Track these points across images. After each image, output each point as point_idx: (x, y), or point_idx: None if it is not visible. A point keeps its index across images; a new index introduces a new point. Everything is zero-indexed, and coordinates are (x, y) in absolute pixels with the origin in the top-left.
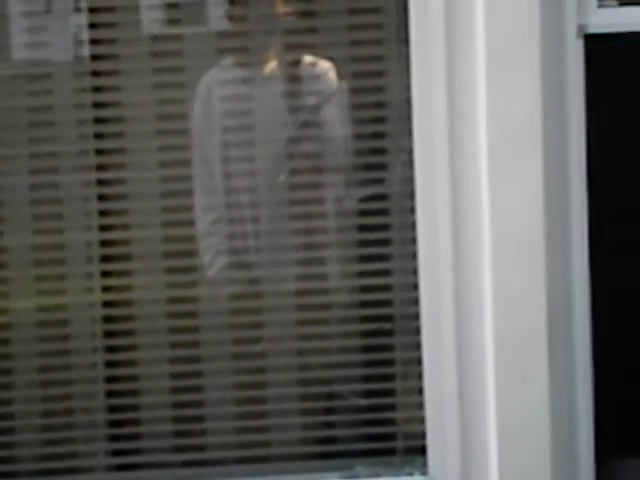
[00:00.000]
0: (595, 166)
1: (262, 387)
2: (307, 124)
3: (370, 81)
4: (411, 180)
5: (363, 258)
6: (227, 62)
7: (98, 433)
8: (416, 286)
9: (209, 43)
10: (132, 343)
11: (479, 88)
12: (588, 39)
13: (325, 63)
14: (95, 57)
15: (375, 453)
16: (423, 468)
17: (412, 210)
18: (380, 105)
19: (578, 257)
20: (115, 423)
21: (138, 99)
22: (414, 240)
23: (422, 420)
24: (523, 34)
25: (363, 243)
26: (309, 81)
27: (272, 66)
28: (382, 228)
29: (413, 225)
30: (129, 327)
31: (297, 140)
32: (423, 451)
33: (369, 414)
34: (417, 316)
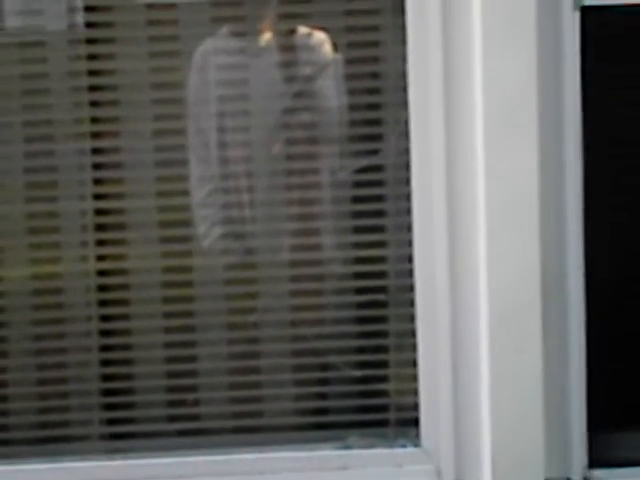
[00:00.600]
0: (590, 138)
1: (256, 357)
2: (302, 94)
3: (366, 51)
4: (406, 151)
5: (358, 229)
6: (223, 32)
7: (92, 402)
8: (411, 258)
9: (204, 12)
10: (126, 312)
11: (475, 60)
12: (585, 11)
13: (320, 34)
14: (90, 25)
15: (368, 424)
16: (416, 440)
17: (407, 181)
18: (375, 76)
19: (573, 230)
20: (109, 392)
21: (133, 67)
22: (409, 211)
23: (415, 392)
24: (519, 6)
25: (358, 214)
26: (304, 51)
27: (267, 36)
28: (377, 199)
29: (408, 196)
30: (123, 296)
31: (292, 110)
32: (416, 423)
33: (362, 385)
34: (411, 288)
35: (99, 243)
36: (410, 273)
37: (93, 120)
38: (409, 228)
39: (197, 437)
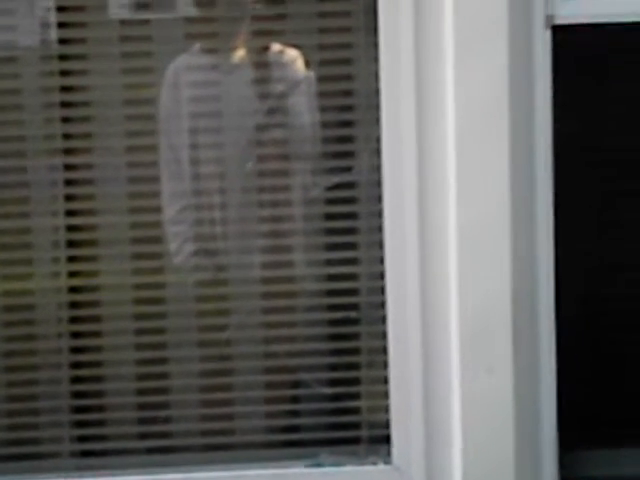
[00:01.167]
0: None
1: (227, 374)
2: (274, 111)
3: (338, 69)
4: (378, 168)
5: (330, 246)
6: (195, 49)
7: (63, 419)
8: (382, 275)
9: (177, 29)
10: (98, 329)
11: (447, 78)
12: (555, 30)
13: (293, 51)
14: (62, 41)
15: (339, 442)
16: (387, 457)
17: (379, 199)
18: (348, 93)
19: (544, 247)
20: (80, 409)
21: (106, 83)
22: (380, 229)
23: (387, 409)
24: (491, 24)
25: (330, 231)
26: (277, 68)
27: (240, 53)
28: (349, 216)
29: (380, 213)
30: (95, 313)
31: (264, 127)
32: (387, 440)
33: (334, 403)
34: (383, 305)
35: (71, 259)
36: (382, 290)
37: (65, 136)
38: (381, 245)
39: (168, 455)
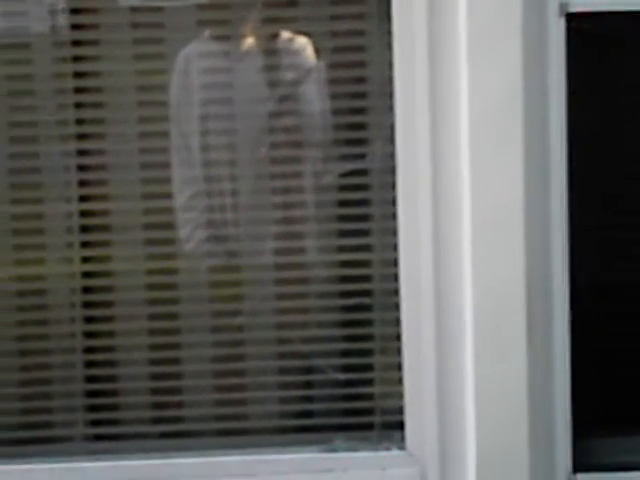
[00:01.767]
0: (576, 143)
1: (241, 360)
2: (286, 98)
3: (352, 56)
4: (392, 156)
5: (343, 233)
6: (205, 35)
7: (76, 403)
8: (396, 262)
9: (188, 15)
10: (111, 314)
11: (461, 65)
12: (570, 18)
13: (302, 38)
14: (75, 27)
15: (353, 428)
16: (401, 443)
17: (393, 186)
18: (361, 80)
19: (558, 234)
20: (93, 393)
21: (118, 69)
22: (394, 216)
23: (400, 395)
24: (505, 13)
25: (343, 218)
26: (288, 55)
27: (250, 40)
28: (362, 203)
29: (394, 201)
30: (108, 298)
31: (276, 114)
32: (401, 426)
33: (348, 389)
34: (397, 292)
35: (84, 245)
36: (395, 277)
37: (78, 122)
38: (394, 232)
39: (181, 439)
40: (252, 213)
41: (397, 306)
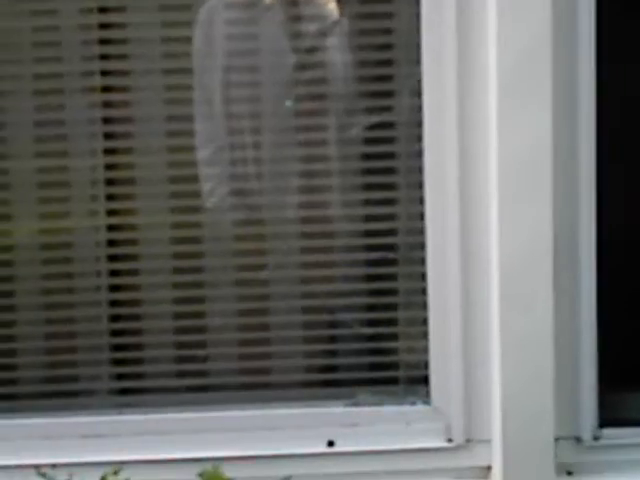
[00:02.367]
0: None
1: (265, 314)
2: (312, 50)
3: (379, 7)
4: (419, 108)
5: (369, 186)
6: None
7: (102, 357)
8: (422, 216)
9: None
10: (136, 267)
11: (490, 15)
12: None
13: None
14: None
15: (378, 382)
16: (426, 398)
17: (419, 138)
18: (388, 32)
19: (585, 187)
20: (119, 347)
21: (144, 20)
22: (420, 169)
23: (426, 350)
24: None
25: (369, 171)
26: (314, 6)
27: None
28: (389, 156)
29: (420, 154)
30: (133, 251)
31: (302, 66)
32: (426, 381)
33: (372, 343)
34: (422, 246)
35: (109, 198)
36: (421, 231)
37: (103, 74)
38: (420, 186)
39: (206, 393)
40: (278, 166)
41: (423, 260)
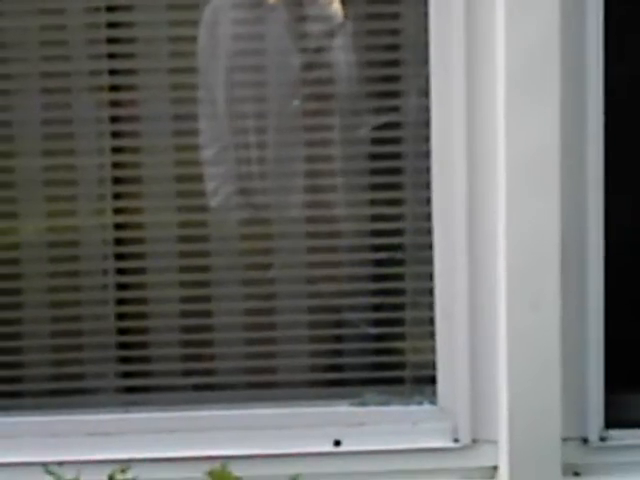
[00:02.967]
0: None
1: (272, 313)
2: (319, 50)
3: (386, 7)
4: (426, 109)
5: (376, 186)
6: None
7: (108, 355)
8: (429, 216)
9: None
10: (143, 266)
11: (497, 13)
12: None
13: None
14: None
15: (385, 382)
16: (432, 397)
17: (427, 139)
18: (396, 32)
19: (593, 184)
20: (125, 345)
21: (151, 20)
22: (428, 169)
23: (432, 350)
24: None
25: (377, 171)
26: (319, 6)
27: None
28: (396, 156)
29: (427, 154)
30: (140, 250)
31: (308, 66)
32: (433, 381)
33: (379, 343)
34: (430, 246)
35: (116, 196)
36: (428, 231)
37: (111, 72)
38: (428, 186)
39: (213, 392)
40: (285, 166)
41: (430, 260)
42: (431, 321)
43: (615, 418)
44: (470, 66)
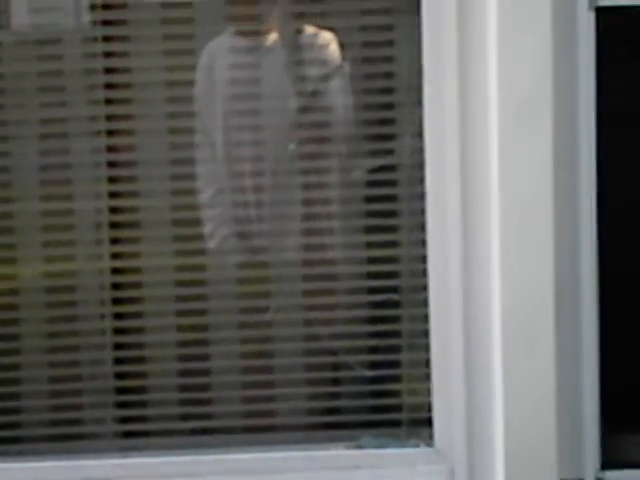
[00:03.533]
0: (605, 138)
1: (268, 357)
2: (314, 94)
3: (380, 51)
4: (421, 151)
5: (372, 229)
6: (230, 31)
7: (106, 400)
8: (424, 258)
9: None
10: (140, 310)
11: (490, 59)
12: (599, 11)
13: (329, 33)
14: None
15: (381, 424)
16: (429, 440)
17: (421, 181)
18: (390, 75)
19: (587, 228)
20: (123, 390)
21: (148, 65)
22: (423, 211)
23: (428, 392)
24: (534, 5)
25: (372, 214)
26: (315, 50)
27: (274, 35)
28: (391, 199)
29: (422, 196)
30: (137, 294)
31: (303, 110)
32: (429, 423)
33: (375, 385)
34: (425, 288)
35: (113, 241)
36: (424, 273)
37: (108, 118)
38: (423, 228)
39: (210, 436)
40: (281, 209)
41: (425, 302)
42: (427, 363)
43: (611, 459)
44: (463, 108)
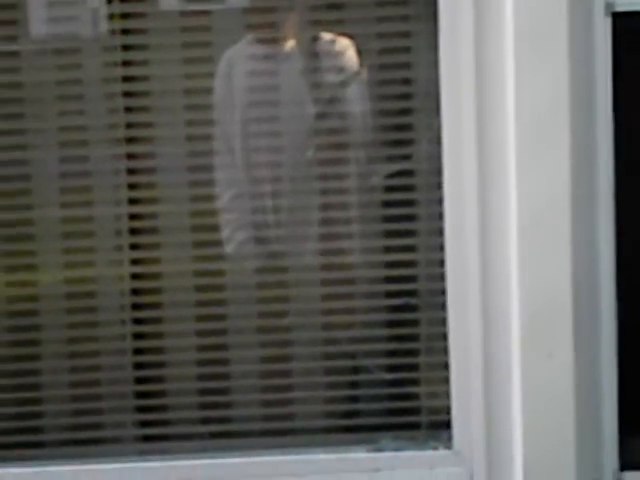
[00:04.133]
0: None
1: (288, 360)
2: (332, 100)
3: (397, 57)
4: (439, 156)
5: (390, 234)
6: (248, 38)
7: (126, 404)
8: (442, 262)
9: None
10: (160, 316)
11: (507, 65)
12: (616, 17)
13: (346, 40)
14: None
15: (400, 427)
16: (448, 442)
17: (439, 186)
18: (407, 82)
19: (604, 232)
20: (143, 394)
21: (166, 73)
22: (441, 216)
23: (447, 395)
24: (551, 12)
25: (390, 219)
26: (332, 57)
27: (292, 42)
28: (409, 204)
29: (440, 201)
30: (157, 300)
31: (322, 116)
32: (448, 426)
33: (394, 388)
34: (443, 292)
35: (133, 247)
36: (442, 277)
37: (127, 126)
38: (441, 232)
39: (229, 439)
40: (298, 214)
41: (444, 306)
42: (446, 366)
43: (629, 461)
44: (481, 115)
